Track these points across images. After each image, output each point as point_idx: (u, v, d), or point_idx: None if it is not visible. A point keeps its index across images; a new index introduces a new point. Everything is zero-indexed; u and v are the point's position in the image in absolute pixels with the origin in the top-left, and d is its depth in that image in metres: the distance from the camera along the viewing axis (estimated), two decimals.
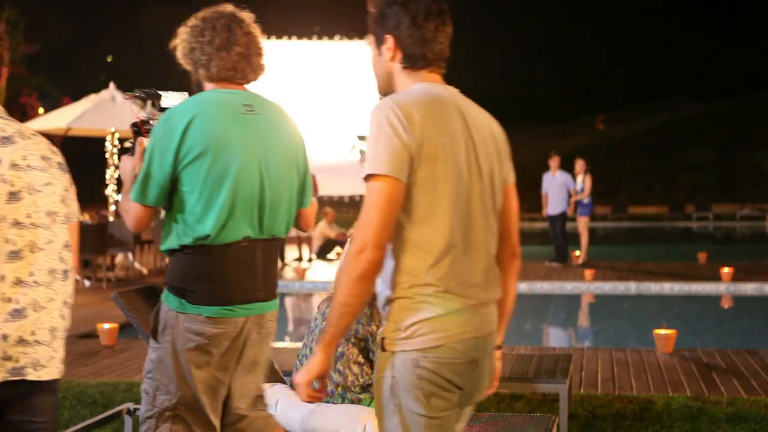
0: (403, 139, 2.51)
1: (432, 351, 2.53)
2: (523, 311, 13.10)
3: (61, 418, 6.04)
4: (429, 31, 2.69)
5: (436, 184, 2.56)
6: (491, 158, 2.73)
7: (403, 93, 2.67)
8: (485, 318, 2.66)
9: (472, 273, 2.62)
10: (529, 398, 6.50)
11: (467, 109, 2.72)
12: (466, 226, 2.62)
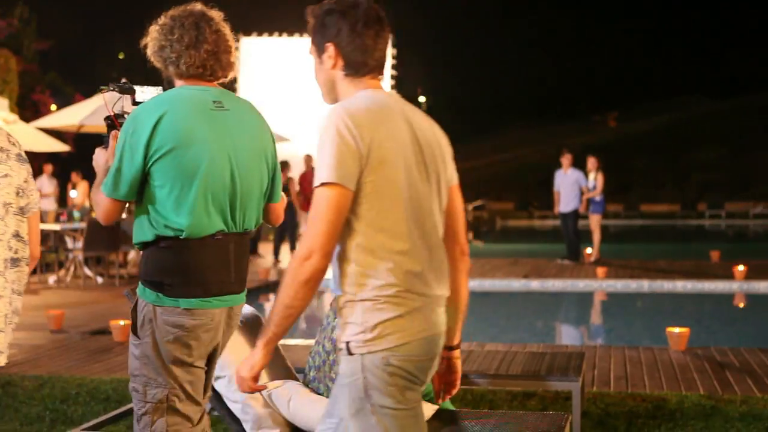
0: (351, 146, 2.57)
1: (399, 349, 2.59)
2: (536, 309, 13.09)
3: (75, 414, 6.06)
4: (369, 39, 2.74)
5: (389, 188, 2.62)
6: (436, 161, 2.80)
7: (350, 100, 2.72)
8: (440, 316, 2.72)
9: (428, 272, 2.67)
10: (541, 396, 6.49)
11: (411, 114, 2.79)
12: (419, 227, 2.68)
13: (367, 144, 2.59)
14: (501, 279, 14.38)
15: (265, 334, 2.67)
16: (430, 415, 4.43)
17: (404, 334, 2.60)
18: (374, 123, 2.63)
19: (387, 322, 2.59)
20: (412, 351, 2.61)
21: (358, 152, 2.58)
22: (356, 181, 2.58)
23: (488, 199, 42.65)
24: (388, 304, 2.60)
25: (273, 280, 14.54)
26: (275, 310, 2.63)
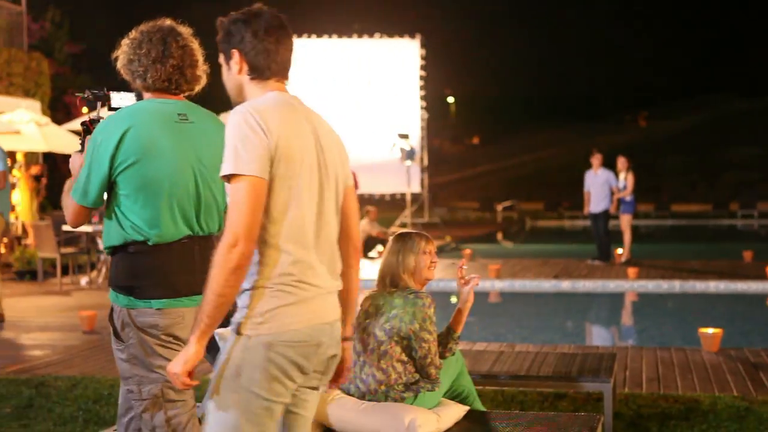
0: (263, 140, 2.72)
1: (284, 335, 2.74)
2: (566, 310, 13.02)
3: (107, 414, 6.10)
4: (271, 44, 2.92)
5: (291, 183, 2.78)
6: (336, 162, 2.97)
7: (258, 99, 2.88)
8: (332, 305, 2.90)
9: (320, 265, 2.85)
10: (572, 397, 6.46)
11: (313, 117, 2.97)
12: (318, 222, 2.86)
13: (275, 140, 2.74)
14: (531, 280, 14.32)
15: (199, 328, 2.74)
16: (461, 416, 4.42)
17: (292, 321, 2.75)
18: (281, 121, 2.79)
19: (277, 309, 2.74)
20: (296, 338, 2.76)
21: (268, 146, 2.73)
22: (269, 171, 2.73)
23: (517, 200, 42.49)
24: (280, 293, 2.75)
25: None
26: (207, 300, 2.70)
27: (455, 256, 18.86)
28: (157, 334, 3.46)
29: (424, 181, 28.37)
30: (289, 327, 2.75)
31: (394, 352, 4.33)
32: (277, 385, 2.77)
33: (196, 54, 3.71)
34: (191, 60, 3.68)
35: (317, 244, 2.85)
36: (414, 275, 4.45)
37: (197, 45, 3.74)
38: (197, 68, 3.71)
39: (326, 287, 2.86)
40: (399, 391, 4.30)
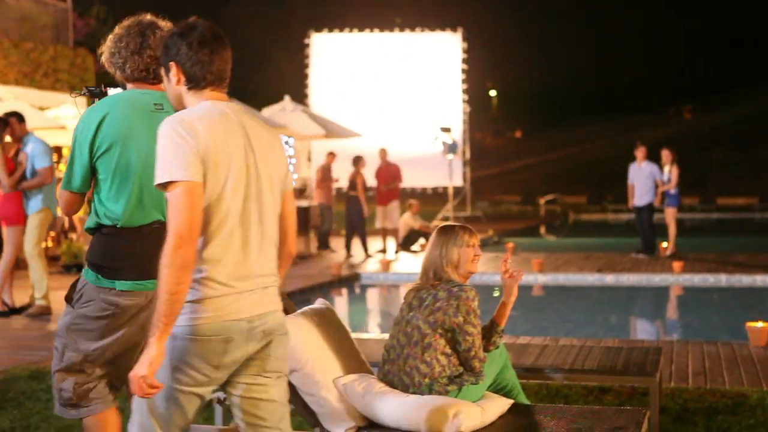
0: (191, 145, 2.91)
1: (188, 329, 2.94)
2: (611, 303, 12.93)
3: None
4: (205, 55, 3.08)
5: (219, 189, 2.96)
6: (271, 166, 3.13)
7: (186, 110, 3.07)
8: (251, 302, 3.03)
9: (246, 264, 3.02)
10: (617, 391, 6.41)
11: (249, 122, 3.12)
12: (241, 225, 3.02)
13: (202, 147, 2.93)
14: (575, 273, 14.24)
15: (158, 328, 2.86)
16: (505, 409, 4.40)
17: (194, 317, 2.94)
18: (207, 130, 2.96)
19: (194, 303, 2.94)
20: (200, 332, 2.94)
21: (199, 152, 2.92)
22: (201, 174, 2.91)
23: (560, 194, 42.28)
24: (199, 288, 2.95)
25: (345, 274, 14.60)
26: (161, 301, 2.84)
27: (498, 250, 18.80)
28: (115, 312, 3.64)
29: (466, 175, 28.30)
30: (191, 322, 2.93)
31: (438, 344, 4.32)
32: (182, 375, 2.97)
33: None
34: None
35: (240, 245, 3.01)
36: (457, 268, 4.44)
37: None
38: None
39: (239, 287, 3.00)
40: (443, 384, 4.29)
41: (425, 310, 4.35)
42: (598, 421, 4.25)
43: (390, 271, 15.05)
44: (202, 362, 2.97)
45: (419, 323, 4.34)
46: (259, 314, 3.06)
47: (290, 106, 21.02)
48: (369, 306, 13.97)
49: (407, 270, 15.08)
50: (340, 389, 4.32)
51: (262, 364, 3.12)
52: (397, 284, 14.47)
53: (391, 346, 4.47)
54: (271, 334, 3.12)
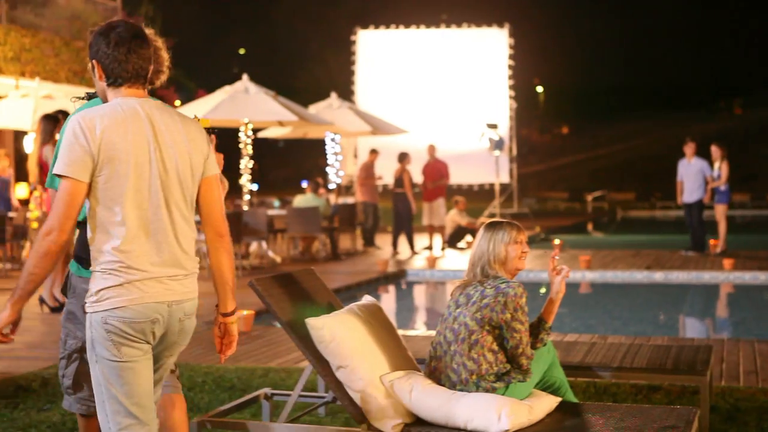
0: (83, 146, 3.16)
1: (115, 311, 3.21)
2: (659, 301, 12.80)
3: (201, 401, 6.21)
4: (121, 54, 3.30)
5: (119, 181, 3.20)
6: (180, 157, 3.33)
7: (93, 108, 3.30)
8: (172, 288, 3.29)
9: (153, 252, 3.26)
10: (667, 390, 6.34)
11: (159, 118, 3.32)
12: (149, 214, 3.26)
13: (98, 144, 3.17)
14: (623, 271, 14.12)
15: (16, 295, 3.24)
16: (553, 407, 4.37)
17: (120, 300, 3.21)
18: (109, 126, 3.20)
19: (107, 289, 3.21)
20: (126, 314, 3.21)
21: (90, 151, 3.16)
22: (90, 174, 3.17)
23: (608, 190, 41.93)
24: (111, 275, 3.21)
25: (391, 271, 14.60)
26: (22, 275, 3.21)
27: (544, 247, 18.69)
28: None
29: (513, 171, 28.18)
30: (117, 305, 3.21)
31: (486, 341, 4.30)
32: (127, 348, 3.25)
33: (159, 53, 3.97)
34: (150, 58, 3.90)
35: (149, 234, 3.26)
36: (505, 265, 4.42)
37: (159, 44, 3.98)
38: (158, 65, 3.96)
39: (156, 272, 3.25)
40: (490, 382, 4.28)
41: (472, 306, 4.33)
42: (647, 420, 4.21)
43: (436, 267, 15.04)
44: (130, 341, 3.25)
45: (466, 320, 4.33)
46: (178, 300, 3.33)
47: (336, 102, 21.06)
48: (415, 303, 13.97)
49: (453, 267, 15.06)
50: (387, 386, 4.33)
51: (176, 343, 3.44)
52: (443, 281, 14.45)
53: (437, 342, 4.46)
54: (185, 320, 3.40)
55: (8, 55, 17.43)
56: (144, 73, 3.36)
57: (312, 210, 15.92)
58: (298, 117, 16.68)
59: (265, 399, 5.15)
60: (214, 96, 17.39)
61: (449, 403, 4.21)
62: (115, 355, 3.24)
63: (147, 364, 3.32)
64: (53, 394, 5.97)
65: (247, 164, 16.98)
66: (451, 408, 4.19)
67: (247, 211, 15.47)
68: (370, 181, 18.59)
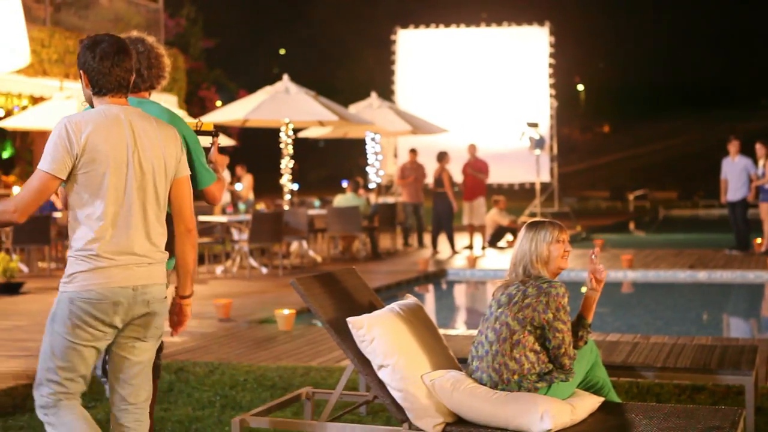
0: (66, 146, 3.58)
1: (80, 293, 3.62)
2: (703, 300, 12.67)
3: (243, 399, 6.25)
4: (105, 68, 3.71)
5: (98, 179, 3.63)
6: (156, 160, 3.75)
7: (84, 112, 3.74)
8: (136, 273, 3.70)
9: (123, 244, 3.67)
10: (711, 390, 6.27)
11: (138, 124, 3.74)
12: (123, 210, 3.67)
13: (82, 146, 3.58)
14: (665, 270, 13.99)
15: None
16: (596, 407, 4.35)
17: (87, 283, 3.62)
18: (92, 130, 3.61)
19: (78, 273, 3.63)
20: (92, 296, 3.61)
21: (72, 151, 3.58)
22: (68, 172, 3.60)
23: (650, 189, 41.56)
24: (83, 261, 3.63)
25: (432, 271, 14.59)
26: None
27: (586, 246, 18.57)
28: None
29: (554, 170, 28.03)
30: (85, 288, 3.61)
31: (527, 341, 4.29)
32: (80, 331, 3.64)
33: (159, 59, 4.47)
34: (148, 63, 4.43)
35: (116, 227, 3.66)
36: (547, 264, 4.40)
37: (161, 51, 4.50)
38: (158, 70, 4.47)
39: (123, 261, 3.66)
40: (532, 381, 4.26)
41: (514, 306, 4.32)
42: (692, 421, 4.17)
43: (477, 267, 15.00)
44: (96, 321, 3.64)
45: (508, 320, 4.31)
46: (143, 285, 3.72)
47: (376, 102, 21.08)
48: (455, 302, 13.94)
49: (494, 266, 15.01)
50: (429, 385, 4.32)
51: (143, 330, 3.80)
52: (483, 280, 14.41)
53: (479, 342, 4.45)
54: (153, 303, 3.78)
55: (53, 57, 17.65)
56: (126, 83, 3.77)
57: (352, 209, 15.95)
58: (338, 117, 16.72)
59: (306, 398, 5.17)
60: (255, 96, 17.47)
61: (491, 402, 4.20)
62: (69, 334, 3.64)
63: (93, 352, 3.71)
64: (98, 392, 6.03)
65: (288, 164, 17.05)
66: (492, 407, 4.18)
67: (288, 210, 15.54)
68: (408, 181, 18.56)
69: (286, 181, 17.04)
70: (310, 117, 16.92)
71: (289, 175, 17.07)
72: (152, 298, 3.77)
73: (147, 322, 3.79)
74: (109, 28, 20.10)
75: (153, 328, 3.83)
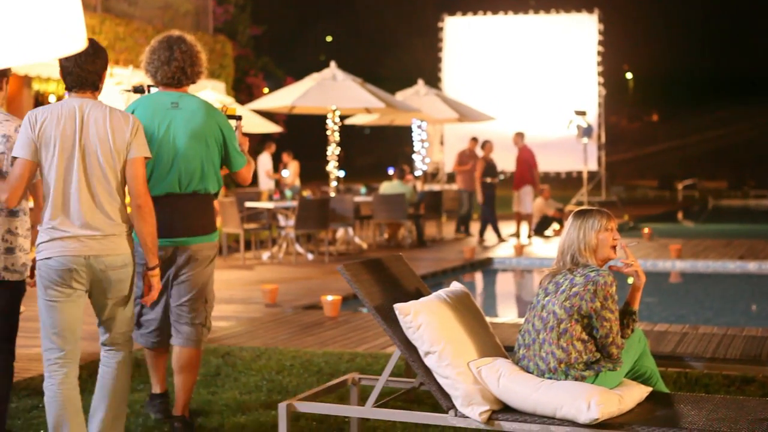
0: (29, 133, 4.27)
1: (44, 261, 4.29)
2: (753, 292, 12.51)
3: (290, 384, 6.29)
4: (69, 67, 4.35)
5: (51, 161, 4.27)
6: (101, 144, 4.31)
7: (46, 105, 4.36)
8: (89, 245, 4.28)
9: (75, 217, 4.26)
10: (761, 382, 6.19)
11: (91, 113, 4.32)
12: (71, 189, 4.27)
13: (38, 133, 4.26)
14: (714, 260, 13.83)
15: None
16: (644, 397, 4.32)
17: (47, 252, 4.28)
18: (46, 121, 4.27)
19: (42, 243, 4.30)
20: (51, 263, 4.27)
21: (32, 137, 4.26)
22: (35, 155, 4.26)
23: (699, 178, 41.08)
24: (45, 233, 4.30)
25: (478, 259, 14.56)
26: None
27: (634, 235, 18.42)
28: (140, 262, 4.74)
29: (601, 159, 27.81)
30: (46, 256, 4.28)
31: (575, 330, 4.26)
32: (51, 291, 4.30)
33: (195, 55, 5.20)
34: (191, 61, 5.18)
35: (68, 204, 4.26)
36: (595, 253, 4.37)
37: (199, 48, 5.23)
38: (197, 66, 5.23)
39: (75, 232, 4.26)
40: (579, 370, 4.24)
41: (561, 295, 4.30)
42: (741, 412, 4.12)
43: (523, 255, 14.94)
44: (58, 284, 4.29)
45: (555, 308, 4.30)
46: (95, 255, 4.30)
47: (423, 90, 21.04)
48: (501, 290, 13.91)
49: (540, 255, 14.94)
50: (475, 372, 4.32)
51: (106, 292, 4.40)
52: (529, 269, 14.35)
53: (526, 330, 4.44)
54: (108, 270, 4.34)
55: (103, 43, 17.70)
56: (90, 81, 4.36)
57: (398, 197, 15.95)
58: (385, 104, 16.72)
59: (352, 383, 5.19)
60: (303, 83, 17.52)
61: (538, 390, 4.18)
62: (44, 294, 4.32)
63: (69, 306, 4.32)
64: (146, 375, 6.10)
65: (334, 151, 17.08)
66: (539, 396, 4.16)
67: (334, 197, 15.58)
68: (466, 167, 18.48)
69: (333, 168, 17.08)
70: (357, 104, 16.93)
71: (335, 162, 17.11)
72: (107, 266, 4.32)
73: (107, 286, 4.37)
74: (159, 15, 20.25)
75: (115, 290, 4.40)
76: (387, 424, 5.26)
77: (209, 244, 5.21)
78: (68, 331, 4.33)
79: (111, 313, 4.44)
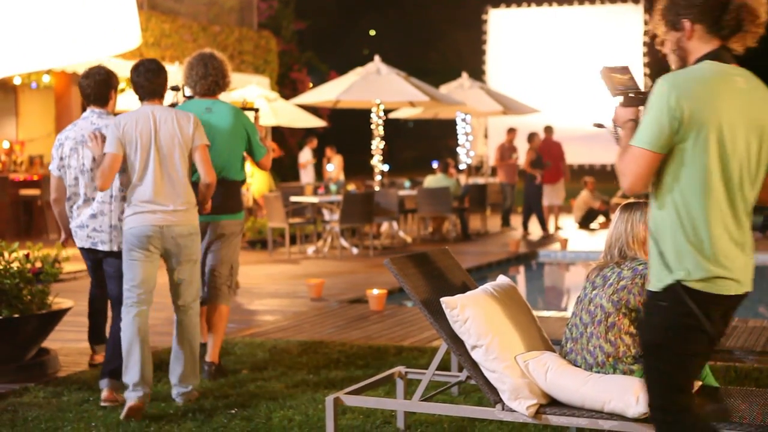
0: (115, 132, 5.52)
1: (129, 230, 5.49)
2: None
3: (336, 377, 6.32)
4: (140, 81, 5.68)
5: (132, 155, 5.48)
6: (171, 140, 5.52)
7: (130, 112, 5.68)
8: (163, 217, 5.47)
9: (151, 197, 5.46)
10: None
11: (160, 116, 5.54)
12: (148, 174, 5.48)
13: (121, 134, 5.47)
14: (764, 253, 13.63)
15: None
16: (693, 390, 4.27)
17: (131, 223, 5.47)
18: (127, 123, 5.50)
19: (128, 217, 5.51)
20: (134, 231, 5.46)
21: (118, 137, 5.47)
22: (121, 150, 5.46)
23: None
24: (128, 208, 5.53)
25: (523, 252, 14.51)
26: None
27: None
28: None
29: None
30: (130, 226, 5.48)
31: (623, 324, 4.24)
32: (132, 252, 5.48)
33: (226, 69, 6.47)
34: (222, 73, 6.44)
35: (154, 183, 5.44)
36: (644, 245, 4.34)
37: (227, 62, 6.50)
38: (227, 77, 6.48)
39: (152, 208, 5.44)
40: (628, 364, 4.21)
41: (609, 288, 4.28)
42: None
43: (568, 249, 14.85)
44: (137, 247, 5.47)
45: (602, 302, 4.27)
46: (168, 225, 5.47)
47: (467, 83, 20.99)
48: (547, 283, 13.84)
49: (585, 248, 14.84)
50: (522, 366, 4.31)
51: (176, 256, 5.57)
52: (574, 262, 14.26)
53: (573, 324, 4.42)
54: (177, 238, 5.51)
55: (149, 40, 17.98)
56: (157, 92, 5.64)
57: (442, 190, 15.93)
58: (429, 97, 16.70)
59: (399, 377, 5.20)
60: (347, 77, 17.55)
61: (586, 384, 4.16)
62: (128, 255, 5.51)
63: (146, 264, 5.49)
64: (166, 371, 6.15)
65: (379, 145, 17.09)
66: (587, 390, 4.15)
67: (379, 191, 15.60)
68: (506, 161, 18.41)
69: (377, 162, 17.09)
70: (401, 98, 16.94)
71: (379, 156, 17.12)
72: (176, 235, 5.50)
73: (177, 251, 5.54)
74: (204, 12, 20.40)
75: (183, 254, 5.57)
76: (434, 417, 5.26)
77: (235, 221, 6.44)
78: (144, 282, 5.53)
79: (180, 275, 5.61)
